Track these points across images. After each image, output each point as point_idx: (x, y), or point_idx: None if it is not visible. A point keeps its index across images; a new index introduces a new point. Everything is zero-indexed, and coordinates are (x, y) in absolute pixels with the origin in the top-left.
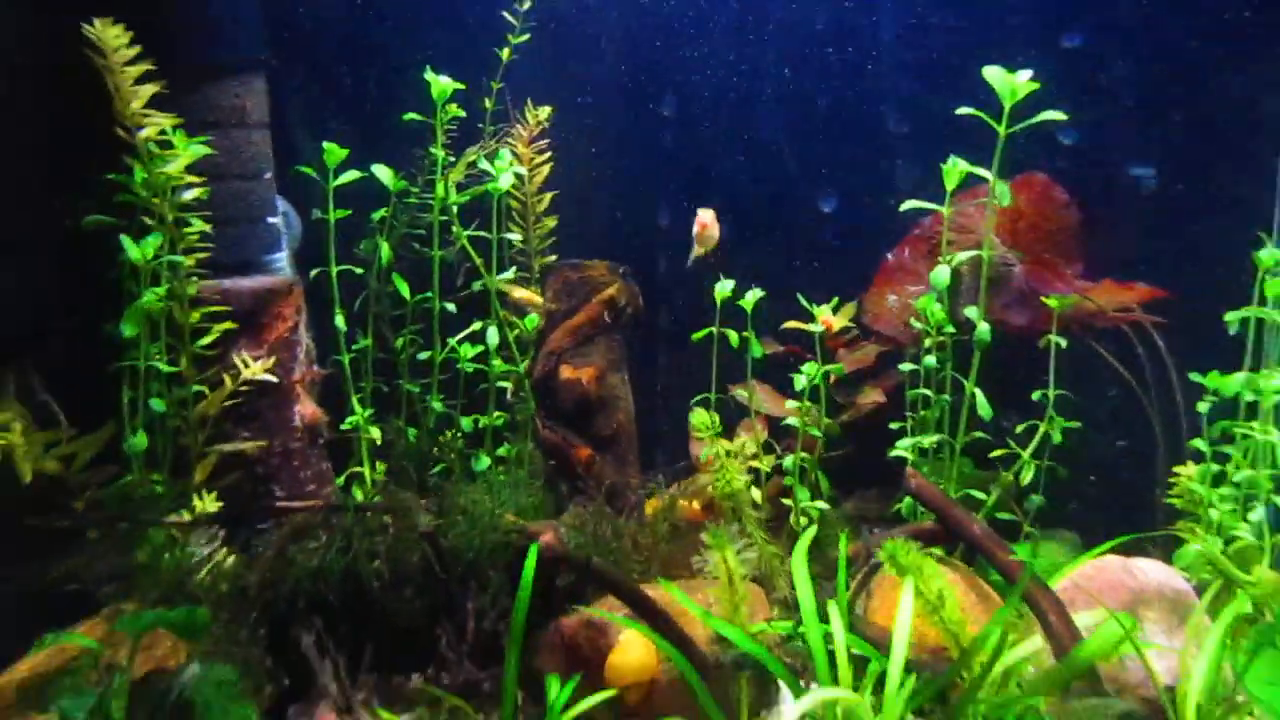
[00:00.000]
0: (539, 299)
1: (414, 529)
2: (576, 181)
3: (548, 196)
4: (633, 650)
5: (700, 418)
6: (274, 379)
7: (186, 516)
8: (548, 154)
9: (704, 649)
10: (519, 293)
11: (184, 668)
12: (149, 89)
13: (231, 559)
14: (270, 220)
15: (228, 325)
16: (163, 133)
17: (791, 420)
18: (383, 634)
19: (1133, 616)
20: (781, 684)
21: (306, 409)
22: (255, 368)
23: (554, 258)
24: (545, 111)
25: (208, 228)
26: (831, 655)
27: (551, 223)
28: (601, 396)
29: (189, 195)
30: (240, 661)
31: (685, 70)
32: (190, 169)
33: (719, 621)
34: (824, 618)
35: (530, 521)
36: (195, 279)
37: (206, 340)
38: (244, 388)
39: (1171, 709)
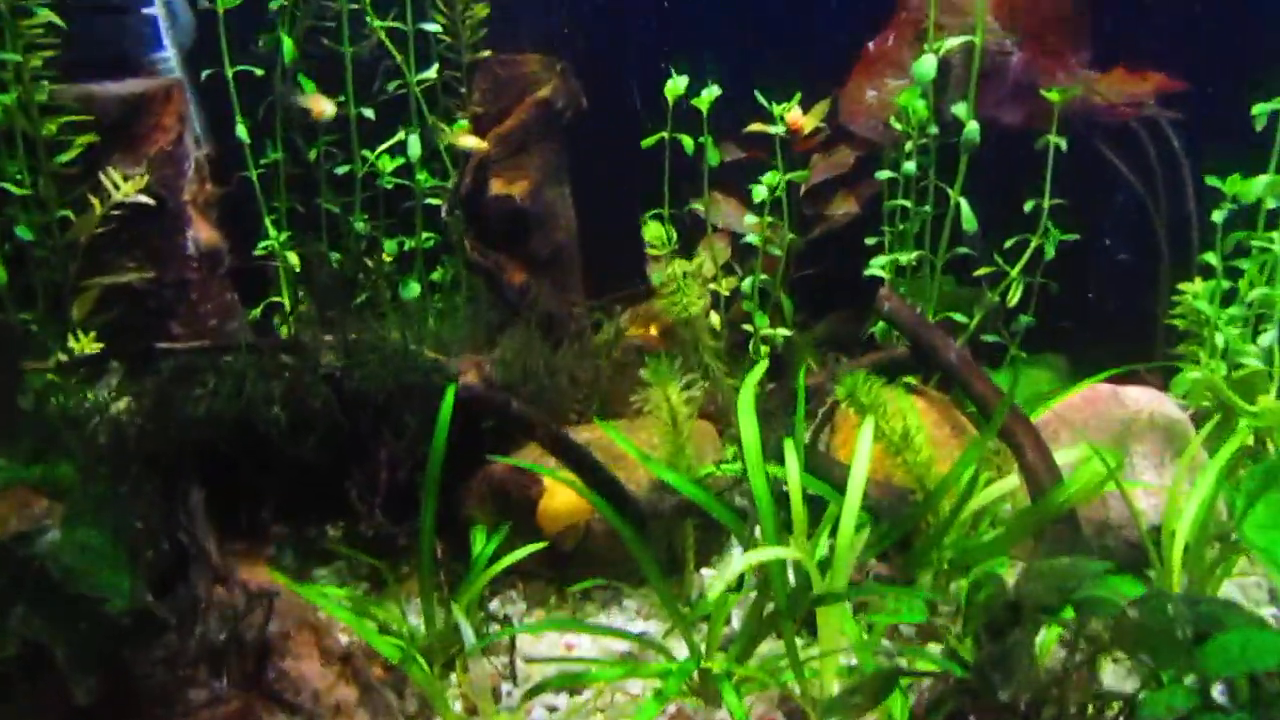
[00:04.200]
0: (485, 144)
1: (315, 370)
2: None
3: None
4: (562, 493)
5: (654, 231)
6: (150, 202)
7: (61, 358)
8: None
9: (642, 495)
10: (465, 140)
11: (41, 531)
12: None
13: (123, 405)
14: (144, 10)
15: (90, 138)
16: None
17: (751, 238)
18: (287, 487)
19: (1120, 449)
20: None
21: (202, 233)
22: (126, 187)
23: (488, 53)
24: None
25: (57, 19)
26: (787, 497)
27: (483, 10)
28: (537, 213)
29: None
30: (116, 523)
31: None
32: None
33: (659, 465)
34: (779, 456)
35: (453, 357)
36: (44, 82)
37: (66, 156)
38: (119, 211)
39: (1156, 551)
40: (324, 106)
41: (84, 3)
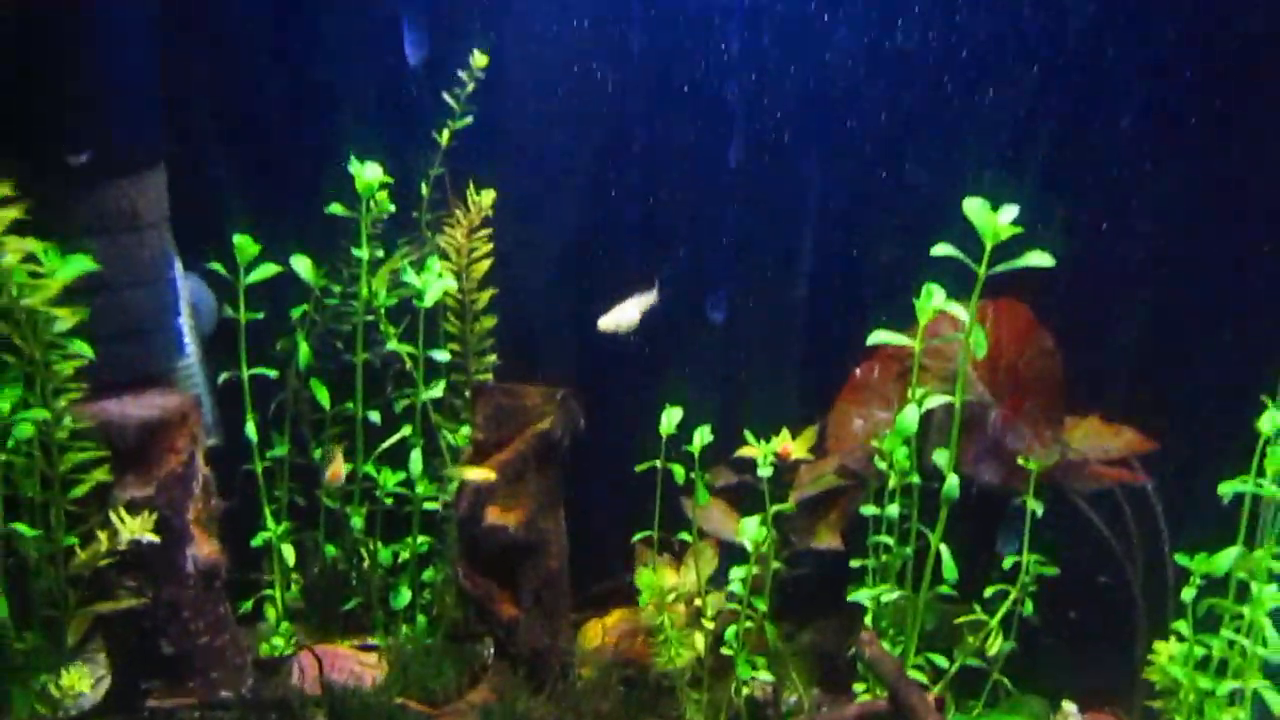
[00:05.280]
0: (493, 475)
1: None
2: (521, 276)
3: (485, 295)
4: None
5: (645, 580)
6: (156, 539)
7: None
8: (489, 246)
9: None
10: (471, 474)
11: None
12: (7, 213)
13: None
14: (173, 325)
15: (103, 476)
16: (29, 255)
17: (734, 586)
18: None
19: None
20: None
21: (202, 549)
22: (133, 524)
23: (493, 358)
24: (488, 197)
25: (90, 353)
26: None
27: (490, 322)
28: (531, 544)
29: (62, 326)
30: None
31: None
32: (69, 288)
33: None
34: None
35: (436, 705)
36: (66, 422)
37: (79, 492)
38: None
39: None
40: (340, 471)
41: (110, 330)
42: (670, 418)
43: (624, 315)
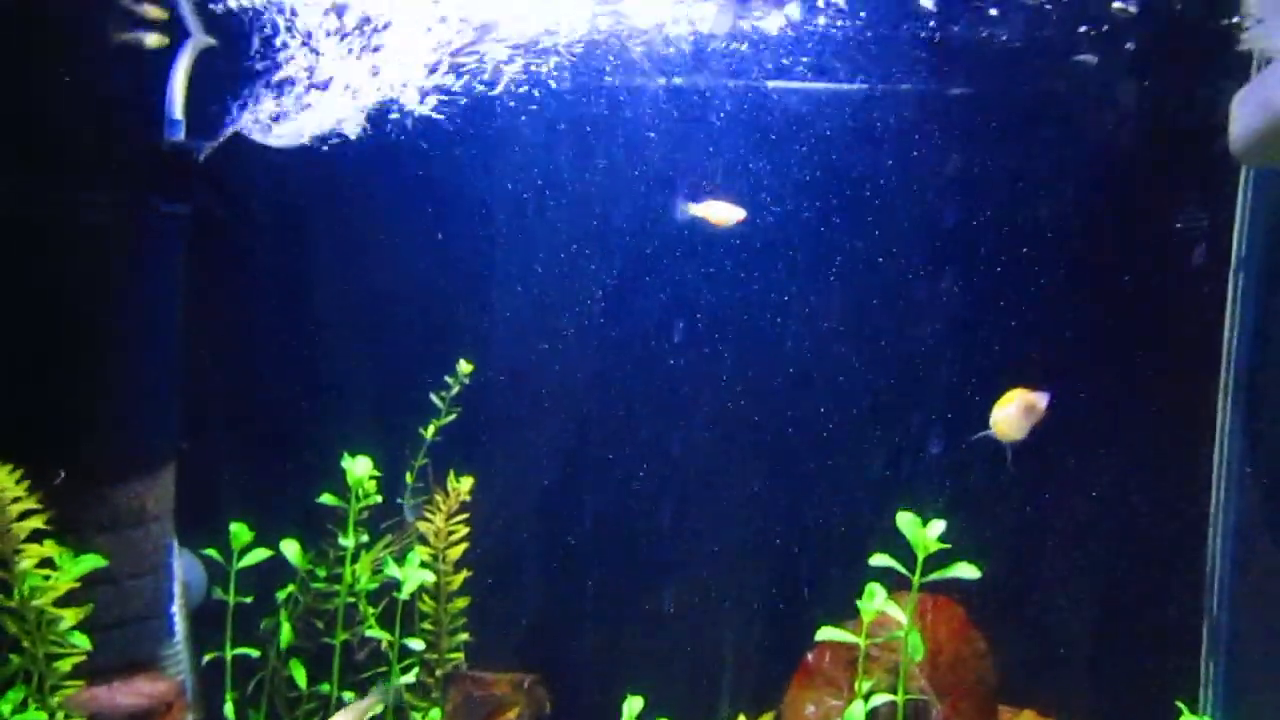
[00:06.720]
0: None
1: None
2: (496, 556)
3: (459, 577)
4: None
5: None
6: None
7: None
8: (466, 529)
9: None
10: None
11: None
12: (30, 524)
13: None
14: (167, 612)
15: None
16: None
17: None
18: None
19: None
20: None
21: None
22: None
23: (464, 636)
24: (467, 484)
25: (89, 645)
26: None
27: (463, 602)
28: None
29: (66, 625)
30: None
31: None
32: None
33: None
34: None
35: None
36: (59, 718)
37: None
38: None
39: None
40: None
41: (109, 618)
42: (631, 709)
43: None
